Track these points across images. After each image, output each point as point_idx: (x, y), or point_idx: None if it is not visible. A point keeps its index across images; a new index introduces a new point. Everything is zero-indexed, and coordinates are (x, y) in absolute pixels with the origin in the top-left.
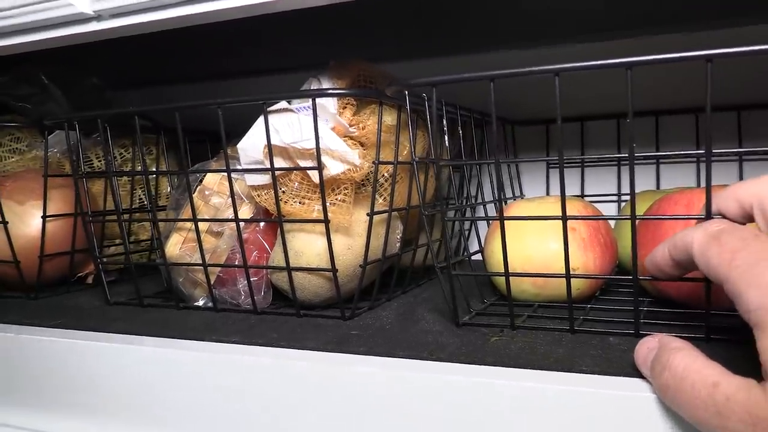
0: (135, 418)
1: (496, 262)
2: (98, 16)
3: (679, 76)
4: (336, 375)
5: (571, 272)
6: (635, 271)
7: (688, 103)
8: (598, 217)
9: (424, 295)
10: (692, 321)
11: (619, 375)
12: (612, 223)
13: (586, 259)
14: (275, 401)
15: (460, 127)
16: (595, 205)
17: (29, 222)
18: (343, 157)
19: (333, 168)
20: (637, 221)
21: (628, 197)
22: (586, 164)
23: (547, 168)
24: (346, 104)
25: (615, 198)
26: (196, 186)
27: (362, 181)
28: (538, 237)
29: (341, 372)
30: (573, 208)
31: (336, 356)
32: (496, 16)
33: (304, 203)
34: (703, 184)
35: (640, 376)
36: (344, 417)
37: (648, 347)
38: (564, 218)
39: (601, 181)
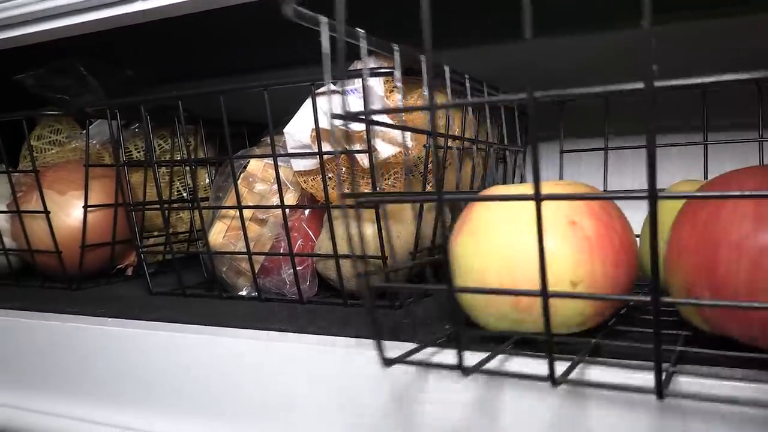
0: (184, 406)
1: (465, 270)
2: None
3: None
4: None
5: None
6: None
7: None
8: (604, 196)
9: None
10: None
11: None
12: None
13: (592, 266)
14: (343, 391)
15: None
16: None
17: (70, 212)
18: (394, 140)
19: (384, 151)
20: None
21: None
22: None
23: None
24: (393, 87)
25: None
26: (240, 174)
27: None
28: (520, 232)
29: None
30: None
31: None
32: None
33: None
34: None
35: None
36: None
37: None
38: (537, 198)
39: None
